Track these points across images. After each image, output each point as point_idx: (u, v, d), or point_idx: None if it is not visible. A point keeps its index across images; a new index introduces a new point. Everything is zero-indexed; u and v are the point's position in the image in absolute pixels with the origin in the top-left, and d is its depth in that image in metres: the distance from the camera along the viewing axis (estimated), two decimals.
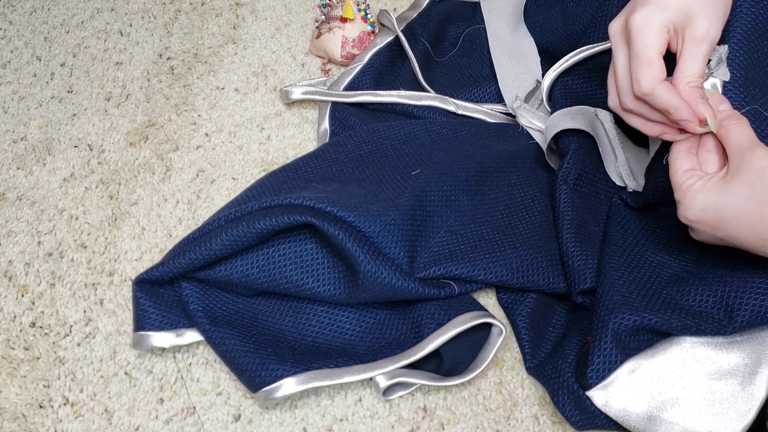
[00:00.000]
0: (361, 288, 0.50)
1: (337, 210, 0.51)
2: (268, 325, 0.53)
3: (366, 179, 0.57)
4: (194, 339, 0.52)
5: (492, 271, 0.53)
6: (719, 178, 0.41)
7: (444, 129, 0.62)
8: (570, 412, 0.47)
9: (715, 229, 0.41)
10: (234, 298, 0.54)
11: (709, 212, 0.41)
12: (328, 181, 0.57)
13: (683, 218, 0.43)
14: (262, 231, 0.50)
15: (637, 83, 0.43)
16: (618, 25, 0.46)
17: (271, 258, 0.52)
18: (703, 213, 0.41)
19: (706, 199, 0.41)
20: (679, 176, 0.44)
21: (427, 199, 0.55)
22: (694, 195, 0.42)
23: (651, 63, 0.43)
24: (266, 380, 0.48)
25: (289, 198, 0.52)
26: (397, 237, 0.52)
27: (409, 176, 0.56)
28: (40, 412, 0.51)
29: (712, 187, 0.41)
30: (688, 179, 0.43)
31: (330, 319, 0.53)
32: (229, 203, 0.56)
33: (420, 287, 0.51)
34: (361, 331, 0.53)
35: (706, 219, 0.41)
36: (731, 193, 0.40)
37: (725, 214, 0.40)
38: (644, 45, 0.43)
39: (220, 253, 0.50)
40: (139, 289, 0.52)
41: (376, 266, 0.49)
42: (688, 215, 0.42)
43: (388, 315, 0.54)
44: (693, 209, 0.42)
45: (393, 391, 0.51)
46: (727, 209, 0.40)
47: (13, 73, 0.74)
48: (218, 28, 0.77)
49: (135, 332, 0.52)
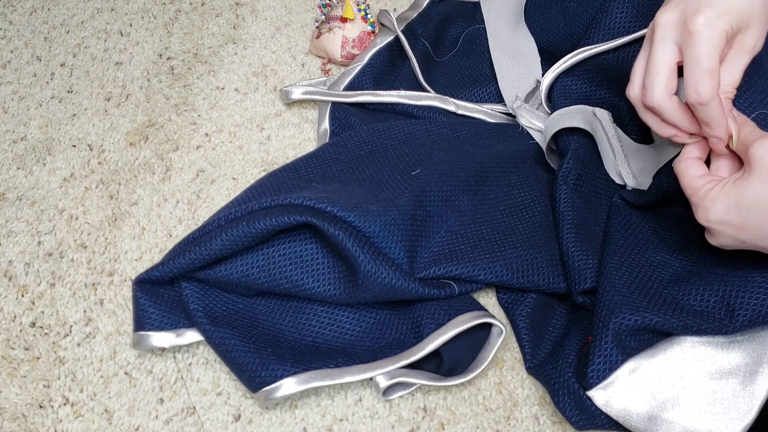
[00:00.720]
0: (361, 288, 0.50)
1: (337, 210, 0.51)
2: (268, 325, 0.53)
3: (366, 179, 0.57)
4: (194, 339, 0.52)
5: (492, 271, 0.53)
6: (737, 178, 0.41)
7: (444, 129, 0.62)
8: (570, 412, 0.47)
9: (740, 229, 0.41)
10: (234, 298, 0.54)
11: (732, 213, 0.40)
12: (328, 181, 0.57)
13: (704, 221, 0.42)
14: (262, 231, 0.50)
15: (696, 92, 0.41)
16: (670, 19, 0.43)
17: (271, 258, 0.52)
18: (726, 214, 0.40)
19: (728, 200, 0.40)
20: (695, 181, 0.43)
21: (427, 199, 0.55)
22: (714, 197, 0.41)
23: (713, 74, 0.41)
24: (266, 380, 0.48)
25: (289, 198, 0.52)
26: (397, 237, 0.52)
27: (409, 176, 0.56)
28: (40, 412, 0.51)
29: (732, 187, 0.40)
30: (706, 183, 0.42)
31: (330, 319, 0.53)
32: (229, 203, 0.56)
33: (420, 287, 0.51)
34: (361, 331, 0.53)
35: (729, 220, 0.41)
36: (754, 191, 0.39)
37: (750, 213, 0.40)
38: (709, 54, 0.41)
39: (220, 253, 0.50)
40: (139, 289, 0.52)
41: (376, 266, 0.49)
42: (710, 218, 0.41)
43: (388, 315, 0.54)
44: (715, 211, 0.41)
45: (393, 391, 0.51)
46: (752, 207, 0.39)
47: (13, 73, 0.74)
48: (218, 28, 0.77)
49: (135, 332, 0.52)
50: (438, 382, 0.50)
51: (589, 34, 0.59)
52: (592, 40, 0.59)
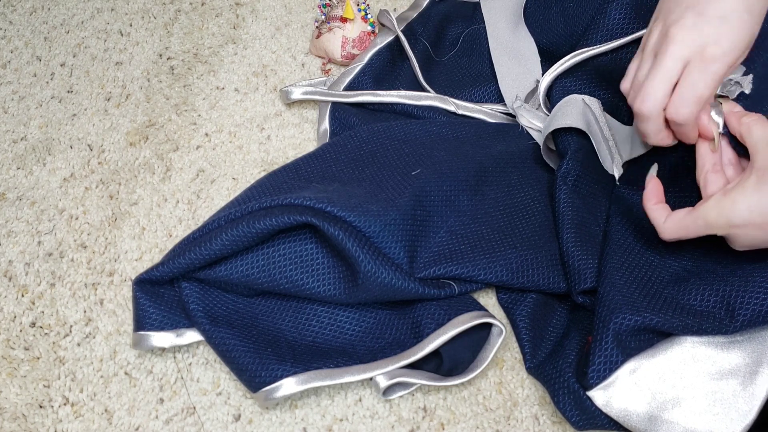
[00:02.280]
0: (361, 288, 0.50)
1: (337, 210, 0.50)
2: (268, 325, 0.53)
3: (366, 179, 0.57)
4: (194, 339, 0.52)
5: (492, 271, 0.53)
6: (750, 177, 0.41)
7: (444, 129, 0.62)
8: (570, 412, 0.47)
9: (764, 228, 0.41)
10: (234, 298, 0.54)
11: (755, 212, 0.40)
12: (328, 181, 0.57)
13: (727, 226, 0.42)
14: (262, 231, 0.50)
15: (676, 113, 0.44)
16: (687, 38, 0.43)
17: (271, 258, 0.52)
18: (750, 213, 0.41)
19: (749, 200, 0.41)
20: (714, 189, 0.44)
21: (427, 199, 0.55)
22: (734, 199, 0.41)
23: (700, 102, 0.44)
24: (266, 380, 0.48)
25: (289, 198, 0.51)
26: (397, 237, 0.52)
27: (409, 176, 0.56)
28: (40, 412, 0.51)
29: (750, 186, 0.41)
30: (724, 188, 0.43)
31: (330, 319, 0.53)
32: (229, 203, 0.56)
33: (420, 287, 0.51)
34: (361, 331, 0.53)
35: (753, 220, 0.41)
36: None
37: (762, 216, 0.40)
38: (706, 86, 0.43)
39: (220, 252, 0.50)
40: (139, 289, 0.52)
41: (376, 266, 0.49)
42: (734, 220, 0.41)
43: (388, 315, 0.54)
44: (738, 212, 0.41)
45: (393, 391, 0.51)
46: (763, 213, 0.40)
47: (13, 73, 0.74)
48: (218, 28, 0.77)
49: (135, 332, 0.52)
50: (438, 382, 0.50)
51: (588, 36, 0.59)
52: (591, 42, 0.59)
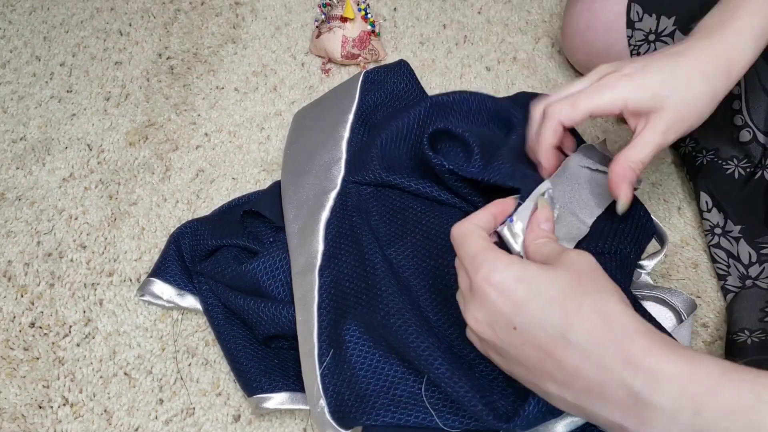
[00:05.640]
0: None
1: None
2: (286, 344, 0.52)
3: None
4: (191, 305, 0.54)
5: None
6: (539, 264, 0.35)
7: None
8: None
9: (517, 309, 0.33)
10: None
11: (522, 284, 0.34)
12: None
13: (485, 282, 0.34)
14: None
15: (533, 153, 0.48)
16: None
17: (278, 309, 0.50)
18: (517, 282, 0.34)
19: (524, 269, 0.34)
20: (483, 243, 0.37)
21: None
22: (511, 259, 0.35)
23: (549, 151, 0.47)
24: (264, 388, 0.48)
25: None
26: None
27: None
28: (39, 413, 0.51)
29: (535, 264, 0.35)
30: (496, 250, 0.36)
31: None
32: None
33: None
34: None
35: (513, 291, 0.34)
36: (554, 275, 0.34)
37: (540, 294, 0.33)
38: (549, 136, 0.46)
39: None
40: (174, 242, 0.56)
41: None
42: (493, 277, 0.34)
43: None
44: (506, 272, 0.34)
45: None
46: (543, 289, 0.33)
47: (13, 73, 0.74)
48: (218, 28, 0.77)
49: (147, 277, 0.55)
50: None
51: None
52: None
